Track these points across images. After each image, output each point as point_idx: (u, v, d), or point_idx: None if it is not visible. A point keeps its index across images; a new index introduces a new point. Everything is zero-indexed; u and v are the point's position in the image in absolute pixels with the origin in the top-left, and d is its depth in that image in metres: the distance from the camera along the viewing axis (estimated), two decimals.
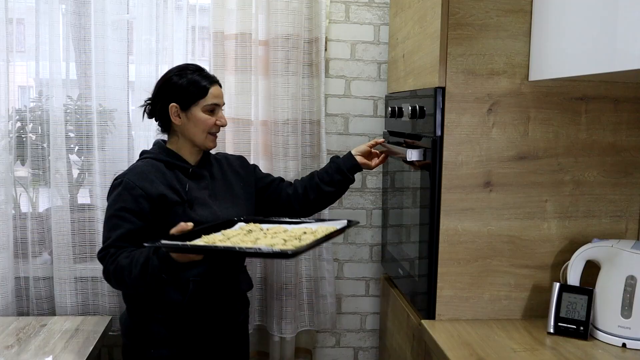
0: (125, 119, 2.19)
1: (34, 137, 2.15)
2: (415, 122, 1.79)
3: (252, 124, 2.22)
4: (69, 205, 2.15)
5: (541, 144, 1.66)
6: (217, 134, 1.78)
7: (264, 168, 2.16)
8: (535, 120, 1.65)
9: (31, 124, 2.14)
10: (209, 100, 1.72)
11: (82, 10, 2.11)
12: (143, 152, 1.80)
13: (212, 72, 1.97)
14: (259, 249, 1.40)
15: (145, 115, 1.81)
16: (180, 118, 1.72)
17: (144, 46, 2.16)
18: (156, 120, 1.79)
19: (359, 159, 1.90)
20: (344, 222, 1.69)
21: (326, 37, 2.28)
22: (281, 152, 2.20)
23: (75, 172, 2.20)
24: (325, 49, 2.29)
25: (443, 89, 1.62)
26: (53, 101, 2.10)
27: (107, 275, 1.64)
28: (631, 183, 1.71)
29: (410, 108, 1.76)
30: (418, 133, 1.82)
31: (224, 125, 1.78)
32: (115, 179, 1.71)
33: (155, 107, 1.76)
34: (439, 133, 1.63)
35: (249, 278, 1.93)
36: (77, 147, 2.18)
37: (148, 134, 2.18)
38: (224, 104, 1.80)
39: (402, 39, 2.03)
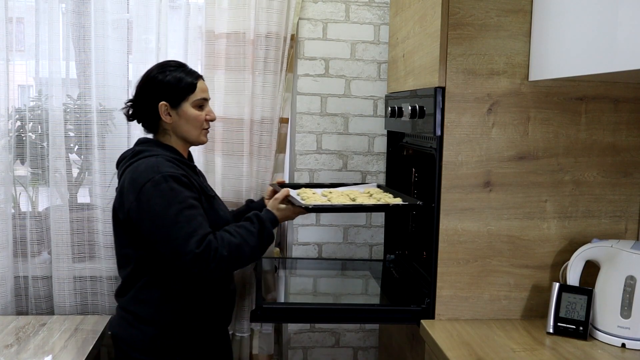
0: (125, 118, 2.18)
1: (33, 137, 2.15)
2: (415, 122, 1.79)
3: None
4: (68, 205, 2.15)
5: (541, 144, 1.66)
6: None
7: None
8: (535, 120, 1.65)
9: (31, 123, 2.14)
10: (197, 95, 1.71)
11: (82, 9, 2.11)
12: (140, 151, 1.69)
13: (202, 71, 1.98)
14: (396, 204, 1.78)
15: (126, 118, 1.78)
16: (170, 116, 1.69)
17: (144, 45, 2.16)
18: (139, 122, 1.75)
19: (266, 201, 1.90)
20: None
21: (292, 35, 2.24)
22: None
23: (75, 172, 2.20)
24: (292, 47, 2.26)
25: (443, 88, 1.62)
26: (53, 100, 2.10)
27: (221, 261, 1.56)
28: (631, 183, 1.71)
29: (410, 108, 1.76)
30: (418, 133, 1.82)
31: (213, 120, 1.77)
32: (148, 179, 1.58)
33: (140, 108, 1.72)
34: (438, 133, 1.63)
35: None
36: (76, 147, 2.18)
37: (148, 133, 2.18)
38: (210, 98, 1.78)
39: (402, 39, 2.03)
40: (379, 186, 2.10)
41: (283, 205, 1.74)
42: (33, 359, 1.75)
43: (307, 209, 1.69)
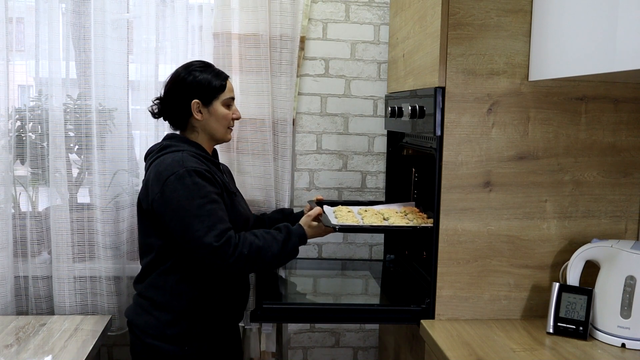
0: (125, 118, 2.19)
1: (33, 137, 2.14)
2: (415, 122, 1.79)
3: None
4: (68, 205, 2.14)
5: (541, 144, 1.66)
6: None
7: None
8: (535, 120, 1.65)
9: (31, 123, 2.14)
10: (226, 94, 1.79)
11: (82, 9, 2.11)
12: (167, 146, 1.74)
13: None
14: (424, 226, 1.77)
15: (152, 115, 1.85)
16: (201, 114, 1.76)
17: (144, 45, 2.16)
18: (165, 119, 1.83)
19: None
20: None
21: (303, 37, 2.26)
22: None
23: (75, 172, 2.20)
24: (302, 48, 2.27)
25: (443, 88, 1.62)
26: (53, 100, 2.10)
27: (240, 258, 1.62)
28: (631, 183, 1.71)
29: (410, 108, 1.76)
30: (418, 133, 1.82)
31: (238, 118, 1.85)
32: (172, 172, 1.63)
33: (170, 106, 1.79)
34: (438, 133, 1.63)
35: None
36: (76, 147, 2.17)
37: (148, 133, 2.18)
38: (235, 97, 1.86)
39: (402, 39, 2.03)
40: (417, 205, 2.10)
41: (315, 223, 1.80)
42: (33, 359, 1.74)
43: (335, 229, 1.74)
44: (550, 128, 1.66)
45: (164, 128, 2.14)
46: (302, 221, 1.81)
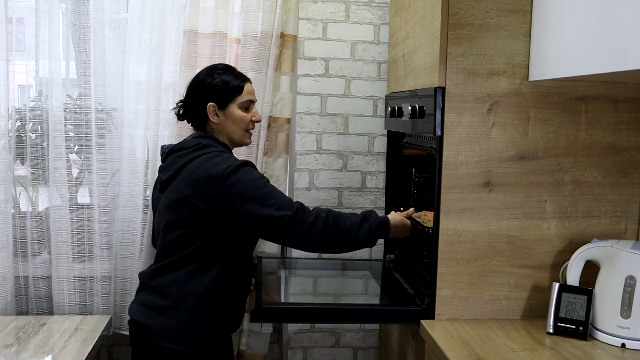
0: (124, 118, 2.18)
1: (33, 137, 2.15)
2: (415, 122, 1.79)
3: None
4: (68, 205, 2.15)
5: (541, 144, 1.66)
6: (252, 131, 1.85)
7: None
8: (535, 120, 1.65)
9: (31, 123, 2.14)
10: (244, 97, 1.78)
11: (82, 9, 2.11)
12: (206, 145, 1.73)
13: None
14: None
15: (177, 117, 1.86)
16: (218, 117, 1.77)
17: (144, 45, 2.16)
18: (188, 122, 1.83)
19: None
20: None
21: (283, 34, 2.23)
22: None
23: (75, 172, 2.20)
24: (293, 47, 2.25)
25: (443, 88, 1.62)
26: (53, 100, 2.10)
27: (315, 223, 1.63)
28: (631, 183, 1.71)
29: (410, 108, 1.76)
30: (418, 133, 1.82)
31: (258, 121, 1.85)
32: (227, 167, 1.63)
33: (190, 109, 1.80)
34: (438, 133, 1.63)
35: None
36: (76, 147, 2.18)
37: (147, 133, 2.18)
38: (256, 100, 1.86)
39: (402, 39, 2.03)
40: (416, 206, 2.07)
41: (403, 219, 1.82)
42: (33, 359, 1.74)
43: (428, 231, 1.74)
44: (550, 128, 1.66)
45: (164, 128, 2.14)
46: (391, 215, 1.82)
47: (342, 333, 2.47)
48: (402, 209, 2.03)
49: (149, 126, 2.17)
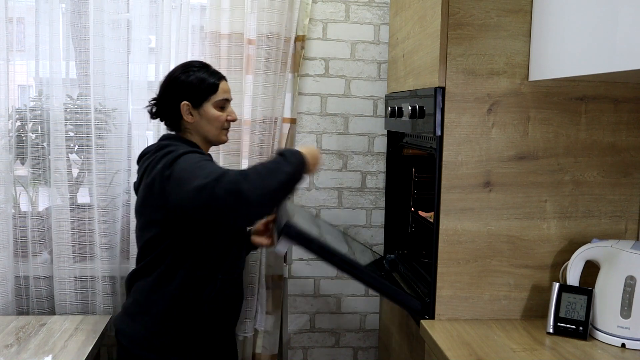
0: (124, 118, 2.19)
1: (33, 136, 2.15)
2: (415, 122, 1.79)
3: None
4: (68, 205, 2.15)
5: (541, 144, 1.66)
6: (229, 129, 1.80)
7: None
8: (535, 120, 1.65)
9: (31, 123, 2.14)
10: (219, 95, 1.73)
11: (82, 9, 2.11)
12: (165, 146, 1.66)
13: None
14: None
15: (149, 116, 1.80)
16: (192, 116, 1.72)
17: (144, 45, 2.16)
18: (162, 120, 1.78)
19: (253, 238, 1.81)
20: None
21: (304, 36, 2.26)
22: (256, 151, 2.20)
23: (75, 171, 2.20)
24: (303, 48, 2.27)
25: (443, 88, 1.62)
26: (53, 100, 2.10)
27: (246, 177, 1.40)
28: (631, 183, 1.71)
29: (410, 108, 1.76)
30: (418, 133, 1.82)
31: (234, 120, 1.79)
32: (169, 160, 1.55)
33: (163, 107, 1.75)
34: (438, 133, 1.63)
35: None
36: (76, 146, 2.18)
37: (147, 133, 2.18)
38: (232, 99, 1.81)
39: (402, 39, 2.03)
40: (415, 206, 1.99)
41: (310, 147, 1.63)
42: (33, 359, 1.75)
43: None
44: (550, 128, 1.66)
45: (164, 128, 2.14)
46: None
47: (342, 333, 2.47)
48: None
49: (149, 126, 2.18)
